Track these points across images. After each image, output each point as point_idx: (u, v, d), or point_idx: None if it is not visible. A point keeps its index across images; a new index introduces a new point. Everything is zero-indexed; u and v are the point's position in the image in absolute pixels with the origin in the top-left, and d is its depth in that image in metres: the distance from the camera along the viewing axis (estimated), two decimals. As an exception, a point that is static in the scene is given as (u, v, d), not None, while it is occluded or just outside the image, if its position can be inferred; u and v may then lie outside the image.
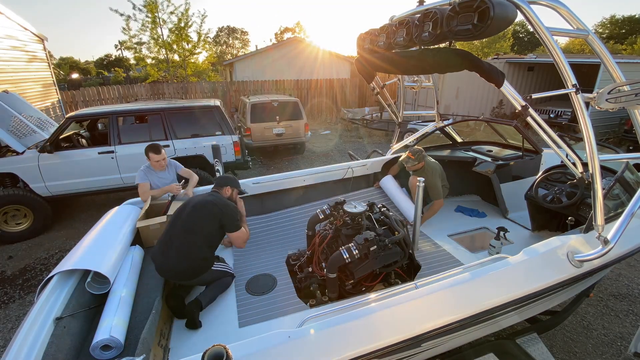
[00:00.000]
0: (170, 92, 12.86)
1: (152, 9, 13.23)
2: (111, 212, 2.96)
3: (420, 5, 2.26)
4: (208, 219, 2.46)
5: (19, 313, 3.41)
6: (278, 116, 8.04)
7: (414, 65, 2.27)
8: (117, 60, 37.79)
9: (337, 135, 11.91)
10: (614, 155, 3.05)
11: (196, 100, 7.00)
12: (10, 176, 4.80)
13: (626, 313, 3.19)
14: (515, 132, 3.97)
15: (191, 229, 2.41)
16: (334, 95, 15.55)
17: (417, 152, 3.40)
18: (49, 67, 10.25)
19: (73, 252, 2.28)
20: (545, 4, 1.85)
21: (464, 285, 1.86)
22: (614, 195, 2.52)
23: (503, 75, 1.92)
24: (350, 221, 2.59)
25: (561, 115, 10.91)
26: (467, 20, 1.70)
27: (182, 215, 2.48)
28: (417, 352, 1.90)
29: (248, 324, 2.19)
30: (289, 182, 3.73)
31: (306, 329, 1.58)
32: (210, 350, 1.20)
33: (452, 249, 2.99)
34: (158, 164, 3.32)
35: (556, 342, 2.87)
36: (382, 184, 4.01)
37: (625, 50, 29.24)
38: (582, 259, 2.08)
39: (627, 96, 1.91)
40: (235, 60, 16.66)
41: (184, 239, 2.38)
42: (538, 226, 3.32)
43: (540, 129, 2.23)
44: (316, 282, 2.54)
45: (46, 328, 1.76)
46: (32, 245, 4.78)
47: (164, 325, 2.15)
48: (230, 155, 5.69)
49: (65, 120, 4.92)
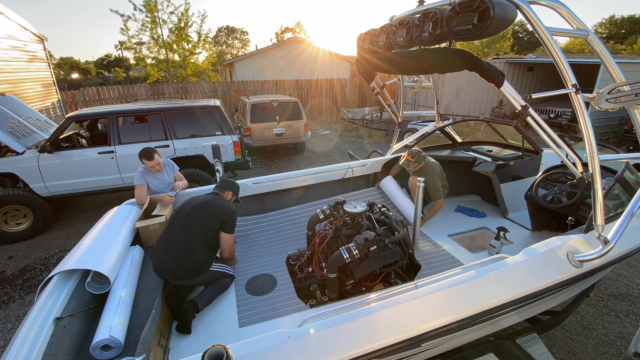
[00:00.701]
0: (170, 92, 12.86)
1: (152, 9, 13.23)
2: (111, 212, 2.96)
3: (420, 5, 2.26)
4: (210, 220, 2.46)
5: (19, 313, 3.41)
6: (278, 116, 8.04)
7: (414, 65, 2.27)
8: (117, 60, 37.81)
9: (337, 135, 11.91)
10: (614, 155, 3.05)
11: (196, 100, 6.99)
12: (10, 176, 4.79)
13: (626, 313, 3.19)
14: (515, 132, 3.97)
15: (191, 229, 2.41)
16: (334, 95, 15.55)
17: (416, 154, 3.39)
18: (49, 67, 10.25)
19: (73, 252, 2.28)
20: (545, 4, 1.85)
21: (464, 285, 1.86)
22: (614, 195, 2.52)
23: (503, 75, 1.92)
24: (350, 221, 2.59)
25: (561, 115, 10.91)
26: (467, 20, 1.70)
27: (182, 215, 2.48)
28: (417, 352, 1.90)
29: (248, 324, 2.19)
30: (288, 182, 3.73)
31: (306, 329, 1.58)
32: (210, 350, 1.20)
33: (452, 249, 2.99)
34: (153, 169, 3.29)
35: (556, 342, 2.87)
36: (382, 185, 4.01)
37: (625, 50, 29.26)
38: (582, 259, 2.08)
39: (627, 96, 1.92)
40: (235, 60, 16.66)
41: (183, 239, 2.37)
42: (538, 226, 3.31)
43: (540, 129, 2.23)
44: (316, 282, 2.54)
45: (46, 328, 1.76)
46: (32, 245, 4.78)
47: (164, 325, 2.14)
48: (230, 155, 5.69)
49: (65, 120, 4.92)
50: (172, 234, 2.42)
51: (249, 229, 3.48)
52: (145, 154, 3.24)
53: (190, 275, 2.36)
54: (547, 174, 3.28)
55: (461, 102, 12.56)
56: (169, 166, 3.51)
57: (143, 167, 3.30)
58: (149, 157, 3.23)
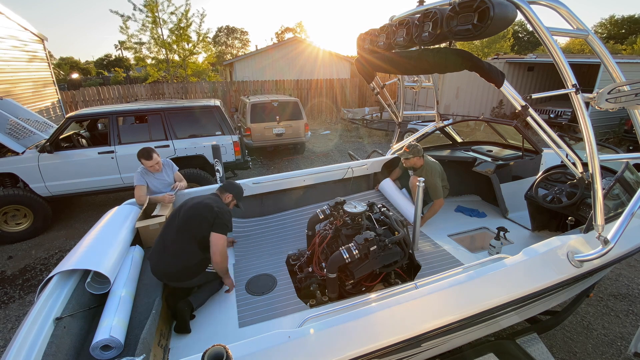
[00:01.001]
0: (170, 92, 12.86)
1: (153, 9, 13.24)
2: (111, 212, 2.96)
3: (420, 5, 2.26)
4: (203, 221, 2.39)
5: (19, 313, 3.41)
6: (278, 116, 8.04)
7: (414, 65, 2.27)
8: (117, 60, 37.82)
9: (337, 135, 11.91)
10: (614, 155, 3.05)
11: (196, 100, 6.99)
12: (10, 176, 4.79)
13: (626, 313, 3.19)
14: (515, 132, 3.97)
15: (186, 230, 2.37)
16: (334, 95, 15.55)
17: (412, 147, 3.44)
18: (49, 67, 10.25)
19: (73, 252, 2.28)
20: (545, 4, 1.85)
21: (464, 285, 1.86)
22: (614, 195, 2.52)
23: (503, 75, 1.92)
24: (350, 221, 2.59)
25: (561, 115, 10.91)
26: (467, 20, 1.70)
27: (178, 217, 2.45)
28: (417, 352, 1.90)
29: (248, 324, 2.19)
30: (288, 182, 3.73)
31: (306, 329, 1.58)
32: (210, 350, 1.20)
33: (452, 249, 2.99)
34: (152, 169, 3.29)
35: (556, 342, 2.87)
36: (381, 187, 4.01)
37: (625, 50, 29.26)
38: (582, 259, 2.08)
39: (627, 96, 1.92)
40: (235, 60, 16.65)
41: (178, 240, 2.35)
42: (538, 226, 3.32)
43: (540, 129, 2.23)
44: (316, 282, 2.54)
45: (46, 328, 1.76)
46: (32, 245, 4.78)
47: (164, 325, 2.14)
48: (230, 155, 5.69)
49: (65, 120, 4.92)
50: (168, 236, 2.40)
51: (249, 230, 3.47)
52: (144, 153, 3.23)
53: (185, 277, 2.33)
54: (547, 174, 3.28)
55: (461, 102, 12.56)
56: (168, 166, 3.51)
57: (142, 167, 3.30)
58: (148, 157, 3.23)
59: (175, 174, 3.56)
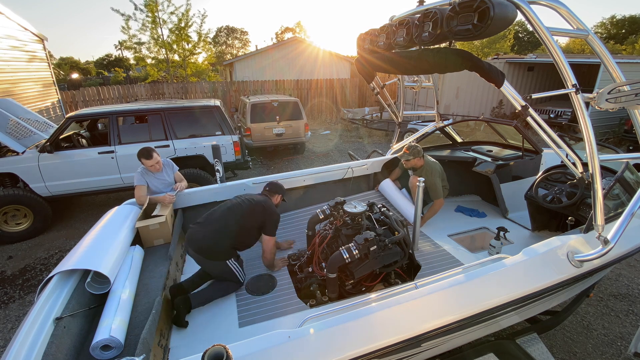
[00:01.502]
0: (170, 92, 12.86)
1: (153, 9, 13.24)
2: (111, 212, 2.96)
3: (420, 5, 2.26)
4: (251, 216, 2.56)
5: (19, 313, 3.41)
6: (278, 116, 8.04)
7: (414, 65, 2.27)
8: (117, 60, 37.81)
9: (337, 135, 11.91)
10: (614, 155, 3.05)
11: (196, 100, 6.99)
12: (10, 176, 4.79)
13: (626, 313, 3.19)
14: (515, 132, 3.97)
15: (232, 216, 2.53)
16: (334, 95, 15.55)
17: (412, 147, 3.44)
18: (49, 67, 10.25)
19: (73, 252, 2.28)
20: (545, 4, 1.85)
21: (464, 285, 1.86)
22: (614, 195, 2.52)
23: (503, 75, 1.92)
24: (350, 221, 2.59)
25: (561, 115, 10.91)
26: (467, 20, 1.70)
27: (230, 202, 2.64)
28: (417, 352, 1.90)
29: (248, 324, 2.19)
30: (288, 182, 3.73)
31: (306, 329, 1.58)
32: (210, 350, 1.20)
33: (452, 249, 2.99)
34: (152, 168, 3.29)
35: (556, 342, 2.88)
36: (381, 187, 4.01)
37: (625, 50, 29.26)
38: (582, 259, 2.08)
39: (627, 96, 1.92)
40: (235, 60, 16.65)
41: (222, 221, 2.50)
42: (538, 226, 3.32)
43: (540, 129, 2.23)
44: (316, 282, 2.54)
45: (46, 328, 1.76)
46: (32, 245, 4.78)
47: (164, 325, 2.14)
48: (230, 155, 5.69)
49: (65, 120, 4.92)
50: (216, 213, 2.57)
51: None
52: (144, 153, 3.23)
53: (208, 254, 2.43)
54: (547, 174, 3.28)
55: (461, 102, 12.56)
56: (168, 166, 3.51)
57: (143, 167, 3.29)
58: (148, 156, 3.23)
59: (176, 174, 3.55)
